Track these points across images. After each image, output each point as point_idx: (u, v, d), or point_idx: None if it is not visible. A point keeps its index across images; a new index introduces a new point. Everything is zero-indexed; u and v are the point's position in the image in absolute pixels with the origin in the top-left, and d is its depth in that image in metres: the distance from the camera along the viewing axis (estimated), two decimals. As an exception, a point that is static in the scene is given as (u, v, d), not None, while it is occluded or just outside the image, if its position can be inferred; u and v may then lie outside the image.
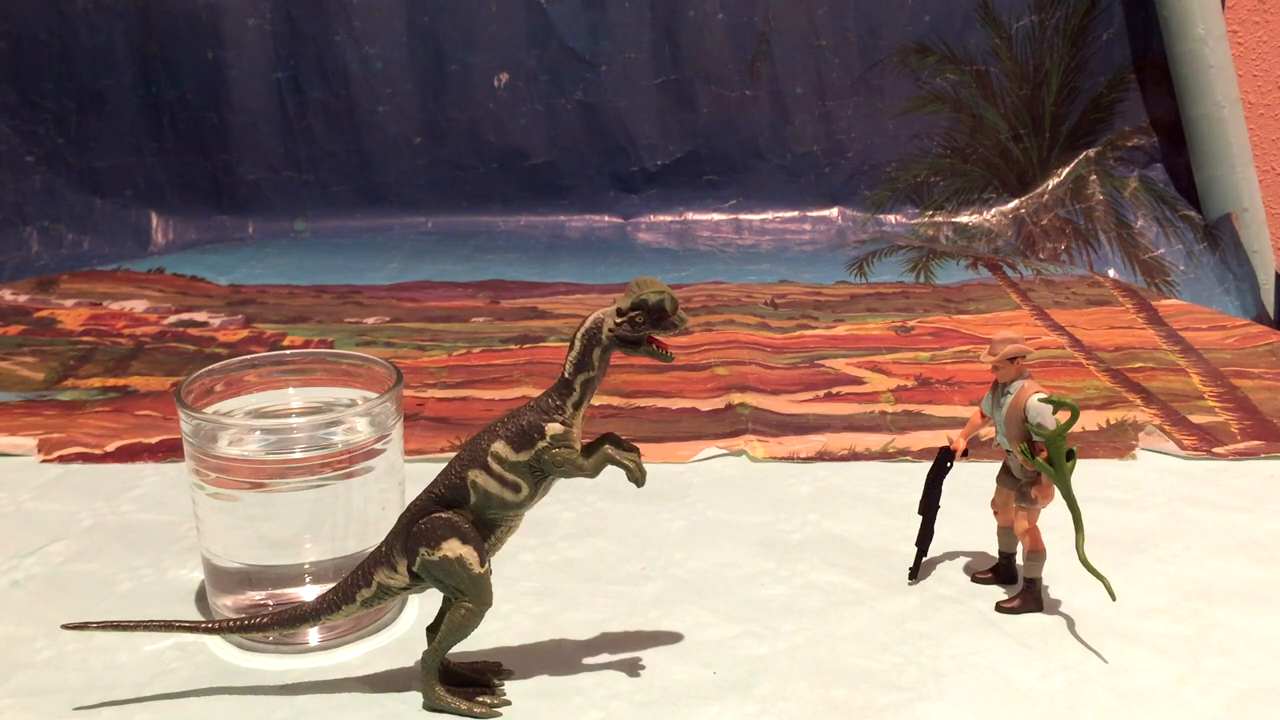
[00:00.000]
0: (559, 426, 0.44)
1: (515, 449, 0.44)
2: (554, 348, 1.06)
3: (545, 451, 0.44)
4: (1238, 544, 0.72)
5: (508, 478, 0.43)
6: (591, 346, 0.44)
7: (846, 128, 1.47)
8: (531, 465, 0.44)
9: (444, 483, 0.44)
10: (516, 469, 0.44)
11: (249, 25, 1.40)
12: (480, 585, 0.46)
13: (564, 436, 0.44)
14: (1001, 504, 0.66)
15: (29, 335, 1.10)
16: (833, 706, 0.57)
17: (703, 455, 0.84)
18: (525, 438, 0.44)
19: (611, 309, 0.44)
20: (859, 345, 1.07)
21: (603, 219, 1.46)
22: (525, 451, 0.44)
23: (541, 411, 0.44)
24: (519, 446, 0.44)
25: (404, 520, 0.46)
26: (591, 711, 0.56)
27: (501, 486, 0.43)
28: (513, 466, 0.43)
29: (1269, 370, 1.01)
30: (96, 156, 1.42)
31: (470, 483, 0.44)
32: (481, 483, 0.43)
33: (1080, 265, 1.41)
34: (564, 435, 0.44)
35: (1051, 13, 1.44)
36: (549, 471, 0.44)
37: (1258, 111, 1.51)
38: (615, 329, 0.44)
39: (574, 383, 0.44)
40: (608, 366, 0.45)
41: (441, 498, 0.44)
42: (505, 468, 0.43)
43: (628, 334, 0.44)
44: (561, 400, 0.45)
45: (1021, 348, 0.63)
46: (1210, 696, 0.58)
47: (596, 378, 0.45)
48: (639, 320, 0.44)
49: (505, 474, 0.43)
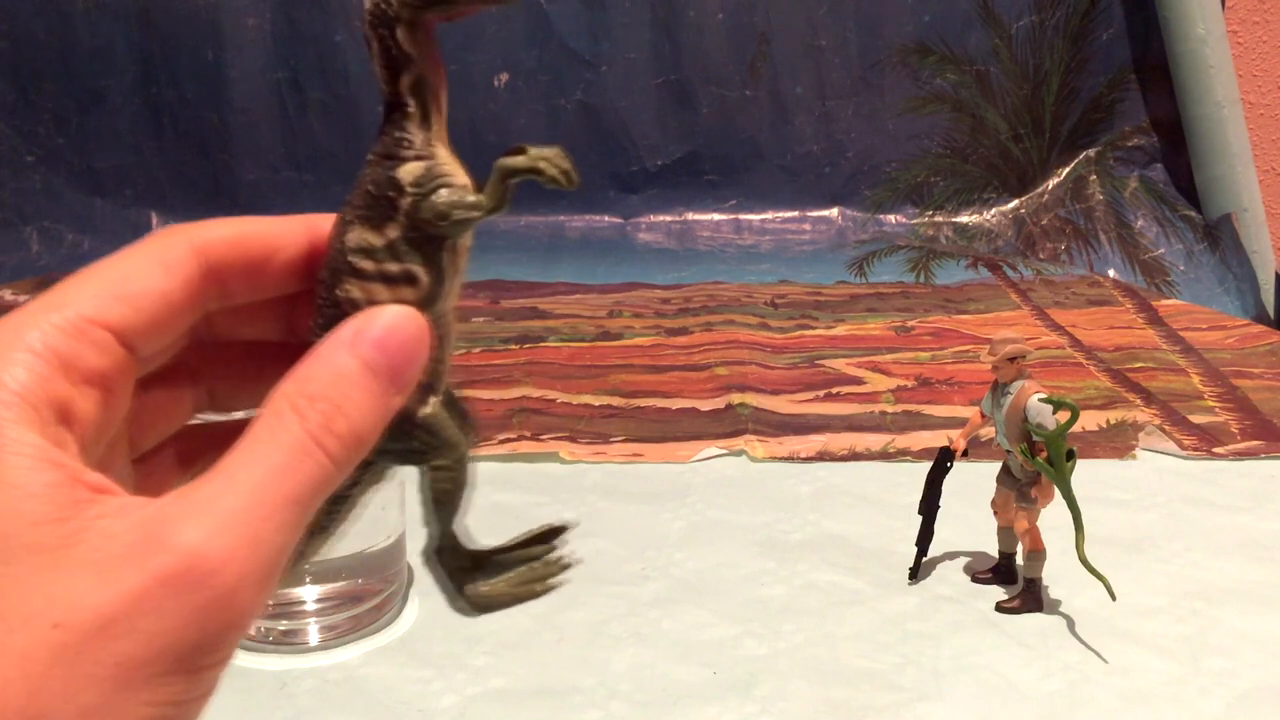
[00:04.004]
0: (416, 164, 0.29)
1: (376, 227, 0.28)
2: (554, 348, 1.06)
3: (419, 206, 0.28)
4: (1238, 544, 0.72)
5: (390, 270, 0.28)
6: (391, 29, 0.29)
7: (846, 128, 1.47)
8: (410, 238, 0.29)
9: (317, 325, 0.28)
10: (393, 253, 0.28)
11: (249, 25, 1.40)
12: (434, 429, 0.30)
13: (429, 173, 0.29)
14: (1001, 504, 0.66)
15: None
16: (833, 706, 0.57)
17: (703, 455, 0.84)
18: (381, 204, 0.29)
19: None
20: (859, 345, 1.07)
21: (603, 219, 1.46)
22: (392, 224, 0.28)
23: (384, 158, 0.29)
24: (379, 221, 0.28)
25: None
26: (591, 711, 0.56)
27: (390, 287, 0.28)
28: (388, 252, 0.28)
29: (1269, 370, 1.01)
30: (96, 156, 1.42)
31: (347, 303, 0.28)
32: (362, 295, 0.28)
33: (1080, 265, 1.41)
34: (430, 172, 0.29)
35: (1051, 13, 1.44)
36: (443, 233, 0.29)
37: (1258, 111, 1.51)
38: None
39: (400, 96, 0.29)
40: (436, 48, 0.30)
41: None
42: (379, 258, 0.28)
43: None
44: (401, 129, 0.29)
45: (1021, 348, 0.63)
46: (1210, 696, 0.58)
47: (426, 71, 0.29)
48: None
49: (384, 267, 0.28)
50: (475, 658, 0.60)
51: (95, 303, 0.25)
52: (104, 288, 0.25)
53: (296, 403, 0.25)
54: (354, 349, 0.26)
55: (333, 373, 0.25)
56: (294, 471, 0.24)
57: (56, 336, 0.24)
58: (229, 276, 0.28)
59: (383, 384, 0.26)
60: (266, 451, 0.24)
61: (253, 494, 0.23)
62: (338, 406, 0.25)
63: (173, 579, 0.22)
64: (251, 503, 0.23)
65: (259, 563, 0.23)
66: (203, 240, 0.27)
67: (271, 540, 0.23)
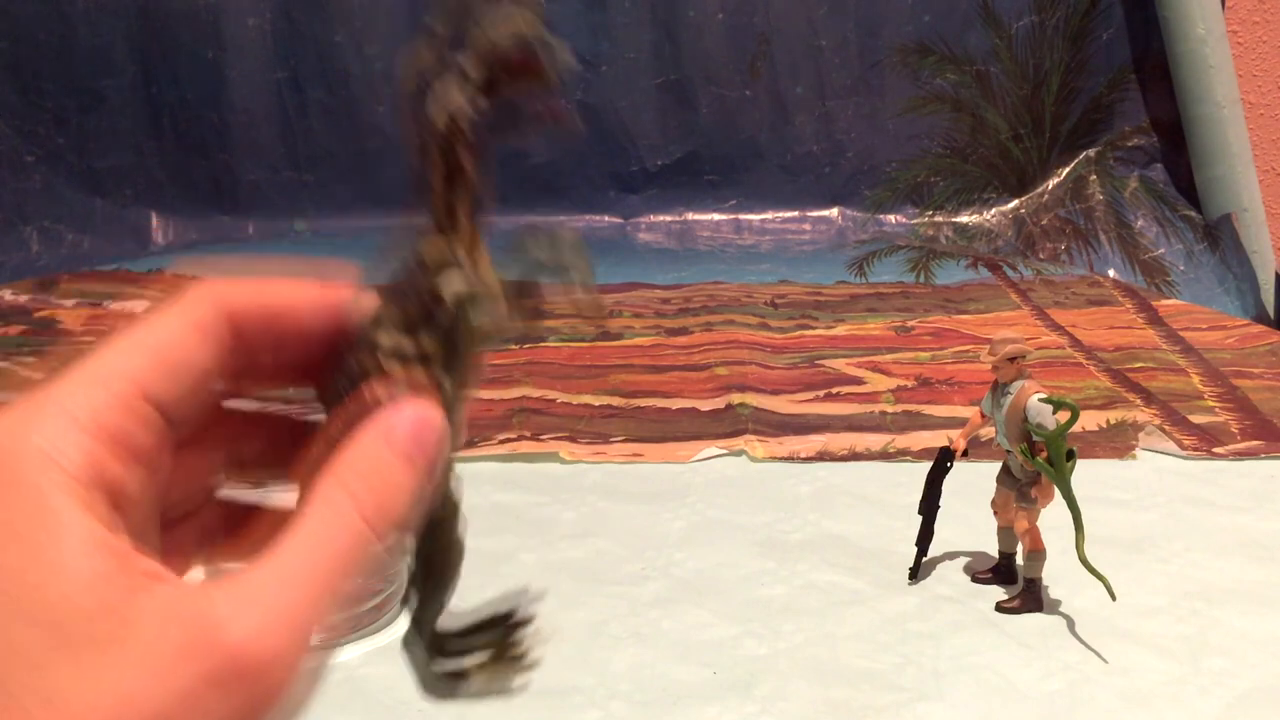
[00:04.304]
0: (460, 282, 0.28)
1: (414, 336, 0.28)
2: (554, 348, 1.06)
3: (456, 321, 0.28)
4: (1238, 544, 0.72)
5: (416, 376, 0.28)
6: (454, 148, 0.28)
7: (846, 128, 1.47)
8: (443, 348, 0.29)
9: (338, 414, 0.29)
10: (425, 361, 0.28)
11: (249, 25, 1.40)
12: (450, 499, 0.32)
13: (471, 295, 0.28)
14: (1001, 504, 0.66)
15: (29, 335, 1.10)
16: (833, 706, 0.57)
17: (703, 455, 0.84)
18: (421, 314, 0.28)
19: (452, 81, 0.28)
20: (859, 345, 1.07)
21: (603, 219, 1.46)
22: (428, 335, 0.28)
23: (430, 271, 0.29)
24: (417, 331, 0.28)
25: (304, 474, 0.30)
26: (591, 711, 0.56)
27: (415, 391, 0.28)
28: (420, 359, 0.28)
29: (1269, 370, 1.01)
30: (96, 156, 1.42)
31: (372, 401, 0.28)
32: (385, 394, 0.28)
33: (1080, 265, 1.41)
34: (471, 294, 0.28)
35: (1051, 13, 1.44)
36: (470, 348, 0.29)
37: (1258, 111, 1.51)
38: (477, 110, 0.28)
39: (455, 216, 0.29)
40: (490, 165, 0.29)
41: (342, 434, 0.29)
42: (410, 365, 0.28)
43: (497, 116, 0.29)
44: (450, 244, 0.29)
45: (1021, 348, 0.63)
46: (1210, 696, 0.58)
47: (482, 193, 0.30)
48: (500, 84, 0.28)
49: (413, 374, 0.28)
50: (475, 658, 0.60)
51: (139, 375, 0.25)
52: (146, 358, 0.26)
53: (349, 487, 0.25)
54: (392, 442, 0.27)
55: (376, 461, 0.26)
56: (351, 559, 0.25)
57: (106, 413, 0.24)
58: (254, 342, 0.28)
59: (419, 475, 0.27)
60: (320, 534, 0.24)
61: (308, 586, 0.24)
62: (385, 492, 0.26)
63: (224, 679, 0.22)
64: (305, 596, 0.23)
65: (304, 651, 0.23)
66: (232, 304, 0.28)
67: (318, 625, 0.24)
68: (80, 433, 0.24)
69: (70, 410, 0.24)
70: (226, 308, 0.27)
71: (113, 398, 0.25)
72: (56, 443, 0.23)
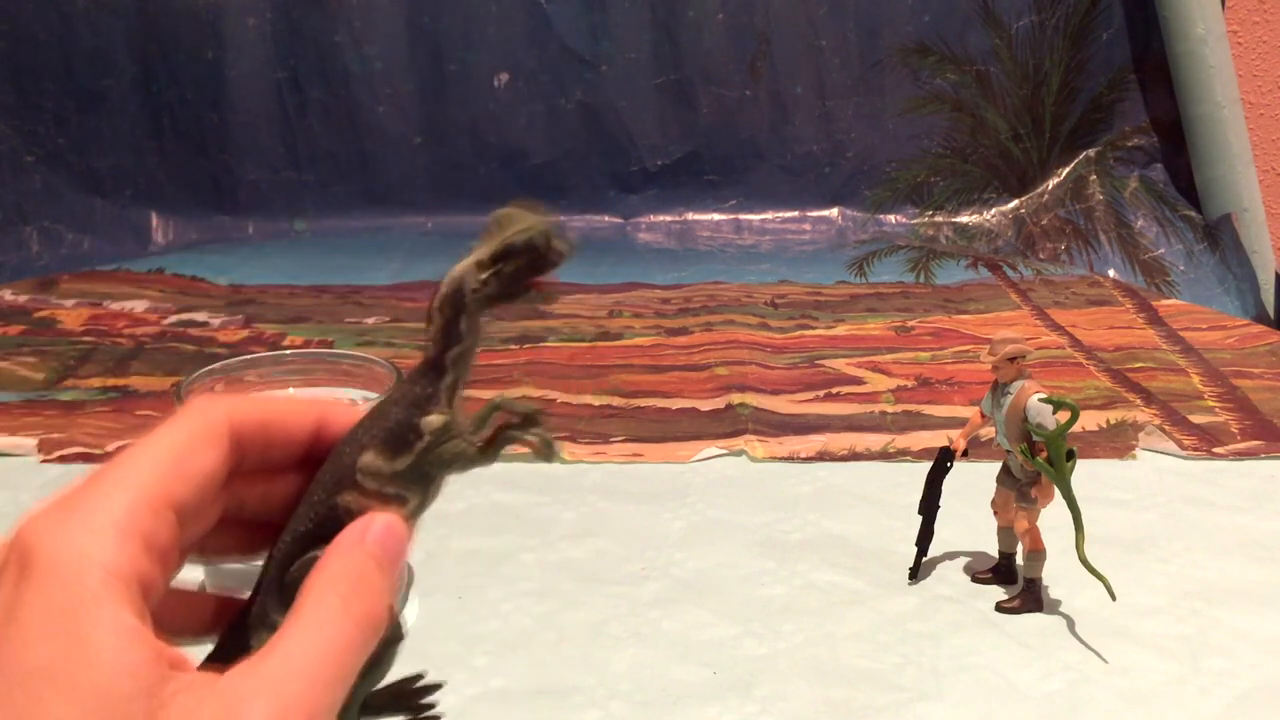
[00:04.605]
0: (438, 419, 0.35)
1: (390, 457, 0.34)
2: (554, 347, 1.06)
3: (429, 452, 0.35)
4: (1238, 544, 0.72)
5: (388, 492, 0.34)
6: (456, 315, 0.35)
7: (846, 128, 1.47)
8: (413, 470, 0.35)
9: (309, 515, 0.34)
10: (396, 480, 0.34)
11: (249, 25, 1.40)
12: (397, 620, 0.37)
13: (446, 429, 0.35)
14: (1001, 504, 0.66)
15: (29, 335, 1.10)
16: (833, 706, 0.57)
17: (703, 455, 0.84)
18: (399, 440, 0.35)
19: (469, 262, 0.35)
20: (859, 345, 1.07)
21: (603, 219, 1.46)
22: (402, 458, 0.34)
23: (412, 404, 0.35)
24: (394, 453, 0.34)
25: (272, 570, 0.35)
26: (591, 711, 0.56)
27: (384, 504, 0.34)
28: (391, 478, 0.34)
29: (1269, 370, 1.01)
30: (96, 156, 1.42)
31: (344, 509, 0.34)
32: (357, 506, 0.34)
33: (1080, 265, 1.41)
34: (446, 427, 0.35)
35: (1051, 13, 1.44)
36: (436, 473, 0.36)
37: (1258, 111, 1.51)
38: (481, 288, 0.34)
39: (443, 363, 0.35)
40: (481, 331, 0.36)
41: (311, 534, 0.34)
42: (382, 481, 0.34)
43: (496, 291, 0.35)
44: (433, 386, 0.35)
45: (1021, 348, 0.63)
46: (1210, 696, 0.58)
47: (470, 348, 0.36)
48: (508, 270, 0.34)
49: (384, 489, 0.34)
50: (475, 658, 0.60)
51: (164, 481, 0.29)
52: (168, 465, 0.29)
53: (341, 594, 0.30)
54: (368, 549, 0.31)
55: (360, 569, 0.31)
56: (349, 653, 0.29)
57: (139, 516, 0.28)
58: (249, 451, 0.32)
59: (388, 578, 0.32)
60: (321, 635, 0.28)
61: (313, 675, 0.27)
62: (369, 597, 0.30)
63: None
64: (312, 684, 0.27)
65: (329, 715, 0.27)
66: (238, 418, 0.32)
67: (327, 711, 0.27)
68: (120, 534, 0.27)
69: (111, 513, 0.27)
70: (232, 421, 0.32)
71: (143, 502, 0.28)
72: (100, 543, 0.27)
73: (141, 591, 0.27)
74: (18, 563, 0.26)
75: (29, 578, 0.26)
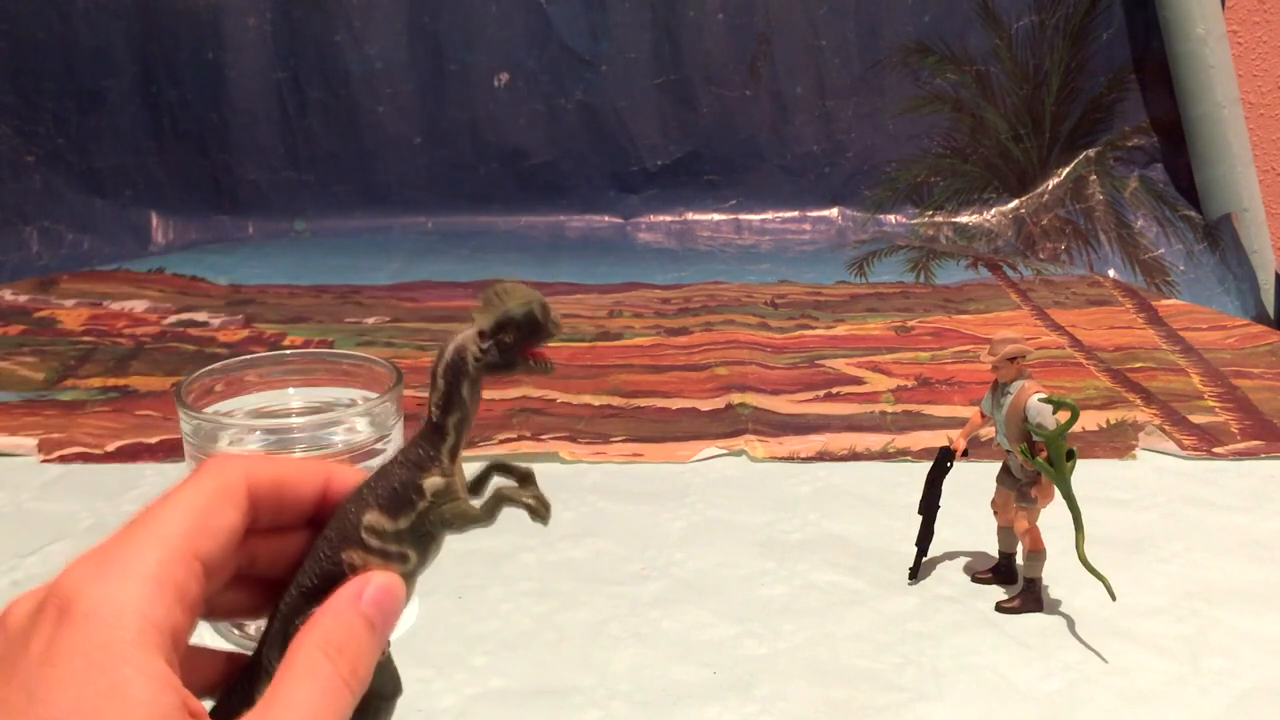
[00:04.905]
0: (439, 480, 0.37)
1: (392, 516, 0.36)
2: (554, 348, 1.06)
3: (430, 511, 0.37)
4: (1238, 544, 0.72)
5: (390, 550, 0.36)
6: (459, 382, 0.37)
7: (846, 128, 1.47)
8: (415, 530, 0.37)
9: (314, 571, 0.36)
10: (398, 538, 0.36)
11: (249, 25, 1.40)
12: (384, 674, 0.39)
13: (447, 490, 0.37)
14: (1001, 504, 0.66)
15: (29, 335, 1.10)
16: (833, 706, 0.57)
17: (703, 455, 0.84)
18: (401, 501, 0.37)
19: (471, 332, 0.37)
20: (859, 345, 1.07)
21: (603, 219, 1.46)
22: (404, 517, 0.37)
23: (414, 466, 0.37)
24: (395, 513, 0.37)
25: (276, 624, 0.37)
26: (591, 711, 0.56)
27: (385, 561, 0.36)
28: (394, 536, 0.36)
29: (1269, 370, 1.01)
30: (96, 156, 1.42)
31: (347, 565, 0.36)
32: (360, 563, 0.36)
33: (1080, 265, 1.41)
34: (446, 488, 0.37)
35: (1051, 13, 1.44)
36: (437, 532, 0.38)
37: (1258, 111, 1.51)
38: (482, 357, 0.37)
39: (445, 426, 0.37)
40: (480, 397, 0.38)
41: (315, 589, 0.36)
42: (385, 540, 0.36)
43: (497, 360, 0.37)
44: (435, 449, 0.37)
45: (1021, 348, 0.63)
46: (1210, 696, 0.58)
47: (470, 414, 0.38)
48: (508, 340, 0.37)
49: (386, 546, 0.36)
50: (475, 658, 0.60)
51: (191, 534, 0.31)
52: (195, 519, 0.31)
53: (328, 652, 0.31)
54: (361, 609, 0.33)
55: (349, 628, 0.33)
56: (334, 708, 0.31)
57: (172, 568, 0.30)
58: (262, 510, 0.34)
59: (379, 636, 0.34)
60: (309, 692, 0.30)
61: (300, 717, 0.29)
62: (357, 655, 0.32)
63: None
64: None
65: None
66: (253, 478, 0.33)
67: None
68: (156, 585, 0.29)
69: (146, 565, 0.29)
70: (249, 480, 0.33)
71: (175, 555, 0.30)
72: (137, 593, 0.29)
73: (173, 641, 0.29)
74: (57, 608, 0.28)
75: (67, 623, 0.28)
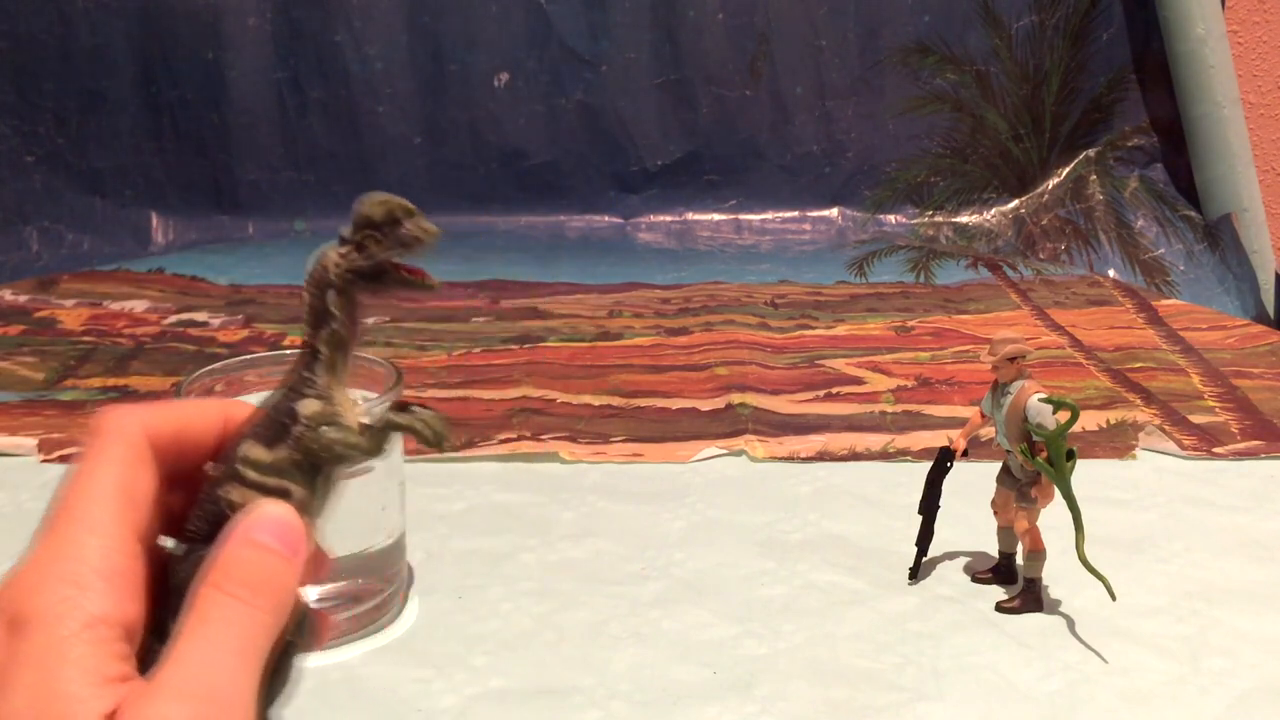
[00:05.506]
0: (315, 402, 0.34)
1: (267, 445, 0.33)
2: (554, 348, 1.06)
3: (305, 437, 0.33)
4: (1238, 544, 0.72)
5: (268, 483, 0.33)
6: (323, 291, 0.34)
7: (846, 128, 1.47)
8: (295, 461, 0.34)
9: (200, 516, 0.33)
10: (276, 470, 0.33)
11: (249, 25, 1.40)
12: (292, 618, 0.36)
13: (323, 413, 0.34)
14: (1001, 504, 0.66)
15: (29, 335, 1.10)
16: (833, 706, 0.57)
17: (703, 455, 0.84)
18: (276, 427, 0.34)
19: (333, 242, 0.35)
20: (859, 345, 1.07)
21: (603, 219, 1.46)
22: (280, 445, 0.33)
23: (289, 390, 0.34)
24: (271, 440, 0.33)
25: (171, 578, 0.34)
26: (591, 711, 0.56)
27: (265, 496, 0.33)
28: (270, 468, 0.33)
29: (1269, 370, 1.01)
30: (96, 156, 1.42)
31: (225, 504, 0.33)
32: (239, 499, 0.33)
33: (1080, 265, 1.41)
34: (323, 412, 0.34)
35: (1051, 13, 1.44)
36: (323, 463, 0.34)
37: (1258, 111, 1.51)
38: (343, 260, 0.34)
39: (316, 343, 0.34)
40: (358, 313, 0.35)
41: (200, 533, 0.33)
42: (261, 472, 0.33)
43: (362, 265, 0.34)
44: (309, 370, 0.34)
45: (1021, 348, 0.63)
46: (1210, 696, 0.58)
47: (344, 328, 0.35)
48: (369, 244, 0.34)
49: (264, 480, 0.33)
50: (475, 658, 0.60)
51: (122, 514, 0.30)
52: (120, 497, 0.30)
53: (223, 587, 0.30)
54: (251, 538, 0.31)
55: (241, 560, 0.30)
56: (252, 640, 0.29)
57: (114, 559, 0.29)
58: (165, 461, 0.33)
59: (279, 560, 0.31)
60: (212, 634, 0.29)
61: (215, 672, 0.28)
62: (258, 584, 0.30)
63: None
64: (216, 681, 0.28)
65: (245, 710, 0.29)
66: (151, 429, 0.32)
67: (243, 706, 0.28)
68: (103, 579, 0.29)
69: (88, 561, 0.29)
70: (148, 432, 0.32)
71: (112, 542, 0.29)
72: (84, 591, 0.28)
73: (125, 633, 0.29)
74: (7, 620, 0.28)
75: (17, 632, 0.27)
